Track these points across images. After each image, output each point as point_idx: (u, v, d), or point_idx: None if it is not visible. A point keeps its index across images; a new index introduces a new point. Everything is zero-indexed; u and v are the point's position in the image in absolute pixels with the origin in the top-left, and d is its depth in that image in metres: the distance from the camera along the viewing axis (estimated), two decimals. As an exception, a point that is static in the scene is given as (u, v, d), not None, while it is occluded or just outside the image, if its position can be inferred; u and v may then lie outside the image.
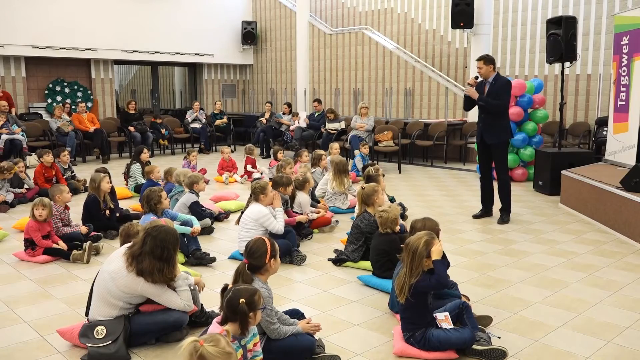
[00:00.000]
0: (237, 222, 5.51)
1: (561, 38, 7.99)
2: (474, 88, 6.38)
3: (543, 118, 9.39)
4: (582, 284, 4.54)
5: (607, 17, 9.97)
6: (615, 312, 3.96)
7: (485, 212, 6.79)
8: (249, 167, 9.56)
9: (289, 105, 13.39)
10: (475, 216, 6.78)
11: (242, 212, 5.49)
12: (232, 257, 5.23)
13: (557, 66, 10.02)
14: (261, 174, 9.29)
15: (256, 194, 5.28)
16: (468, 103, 6.58)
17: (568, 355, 3.32)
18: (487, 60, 6.32)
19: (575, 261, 5.11)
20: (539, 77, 10.81)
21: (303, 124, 12.42)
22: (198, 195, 6.30)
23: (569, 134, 10.53)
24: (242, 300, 2.70)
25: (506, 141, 6.53)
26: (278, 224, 5.16)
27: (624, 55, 7.58)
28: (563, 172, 7.47)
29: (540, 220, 6.69)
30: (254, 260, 3.19)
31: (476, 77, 6.39)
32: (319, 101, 12.54)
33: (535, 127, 9.23)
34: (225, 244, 5.78)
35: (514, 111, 9.03)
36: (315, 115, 12.42)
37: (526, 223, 6.52)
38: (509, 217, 6.59)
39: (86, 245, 5.21)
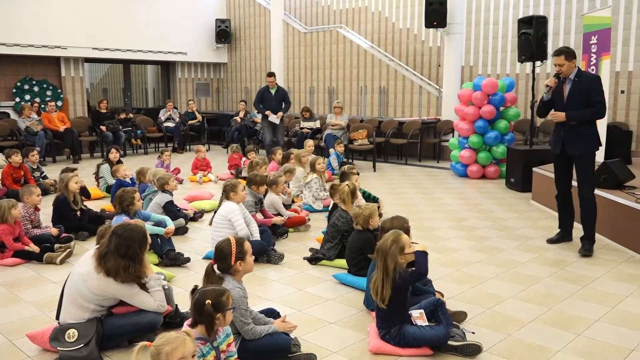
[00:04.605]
0: (211, 222, 5.47)
1: (532, 37, 8.13)
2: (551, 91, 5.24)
3: (515, 116, 9.53)
4: (553, 278, 4.62)
5: (576, 17, 10.17)
6: (585, 305, 4.04)
7: (564, 235, 5.62)
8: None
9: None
10: (552, 241, 5.61)
11: (215, 212, 5.46)
12: (207, 257, 5.18)
13: (528, 65, 10.17)
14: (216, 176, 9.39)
15: (227, 192, 5.25)
16: (544, 109, 5.38)
17: (540, 348, 3.38)
18: (568, 54, 5.07)
19: (547, 256, 5.19)
20: (511, 76, 10.96)
21: (277, 120, 12.07)
22: (172, 195, 6.23)
23: (540, 131, 10.70)
24: (208, 301, 2.69)
25: (594, 153, 5.25)
26: (243, 230, 5.05)
27: (592, 55, 7.72)
28: (534, 169, 7.59)
29: (513, 216, 6.79)
30: (220, 262, 3.18)
31: (556, 76, 5.20)
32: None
33: (507, 125, 9.37)
34: (200, 243, 5.73)
35: (487, 109, 9.16)
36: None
37: (499, 220, 6.61)
38: (592, 247, 5.25)
39: (65, 247, 5.15)
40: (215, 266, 3.19)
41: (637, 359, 3.25)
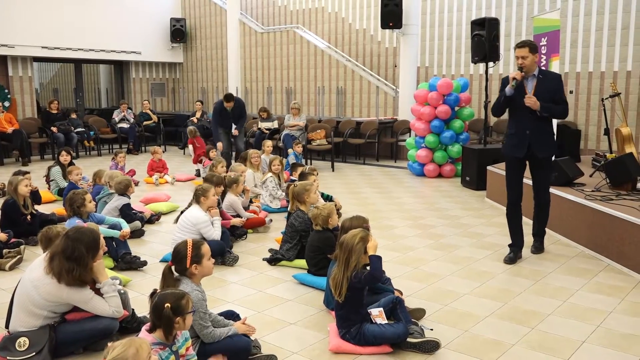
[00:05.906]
0: (176, 221, 5.39)
1: (485, 39, 8.33)
2: (511, 88, 4.82)
3: (469, 116, 9.75)
4: (507, 274, 4.74)
5: (527, 19, 10.46)
6: (538, 300, 4.16)
7: (519, 250, 5.15)
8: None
9: (221, 104, 13.17)
10: (509, 260, 5.03)
11: (182, 212, 5.38)
12: (164, 260, 5.09)
13: (481, 66, 10.41)
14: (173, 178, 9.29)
15: (197, 196, 5.18)
16: (503, 106, 4.96)
17: (495, 343, 3.46)
18: (532, 47, 4.84)
19: (501, 253, 5.31)
20: (465, 77, 11.20)
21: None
22: (129, 198, 6.11)
23: (494, 131, 10.95)
24: (167, 305, 2.64)
25: (554, 154, 5.22)
26: (215, 232, 5.08)
27: (542, 56, 7.96)
28: (488, 167, 7.77)
29: (468, 214, 6.93)
30: (177, 264, 3.15)
31: (521, 70, 4.84)
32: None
33: (462, 125, 9.57)
34: (157, 246, 5.63)
35: (442, 109, 9.33)
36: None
37: (455, 217, 6.74)
38: (543, 244, 5.36)
39: (14, 252, 4.99)
40: (173, 268, 3.14)
41: (588, 350, 3.37)
